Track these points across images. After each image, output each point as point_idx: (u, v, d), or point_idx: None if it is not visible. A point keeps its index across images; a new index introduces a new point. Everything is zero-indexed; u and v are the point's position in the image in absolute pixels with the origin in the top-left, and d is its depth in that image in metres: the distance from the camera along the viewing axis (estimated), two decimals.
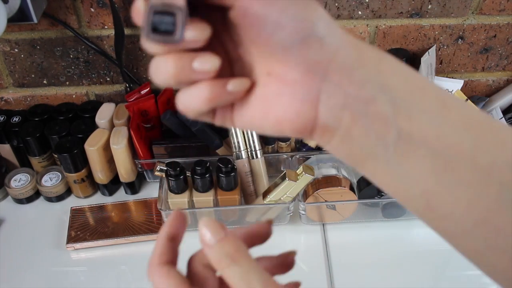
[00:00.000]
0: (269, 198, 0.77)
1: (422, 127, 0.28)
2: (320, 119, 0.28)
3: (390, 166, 0.29)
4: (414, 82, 0.30)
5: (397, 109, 0.28)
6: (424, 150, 0.29)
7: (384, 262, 0.79)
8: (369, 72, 0.28)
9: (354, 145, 0.29)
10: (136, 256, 0.80)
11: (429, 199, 0.30)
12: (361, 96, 0.28)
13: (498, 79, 0.94)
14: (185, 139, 0.86)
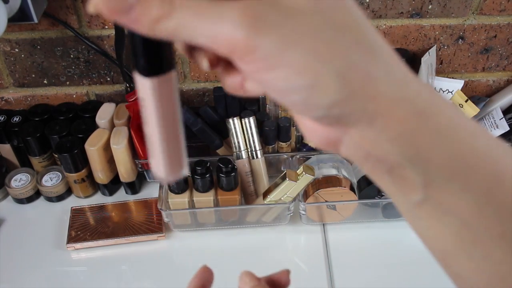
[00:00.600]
0: (270, 198, 0.77)
1: (457, 202, 0.25)
2: (343, 155, 0.27)
3: (409, 214, 0.28)
4: (463, 153, 0.25)
5: (429, 181, 0.25)
6: (452, 219, 0.26)
7: (384, 262, 0.79)
8: (398, 145, 0.25)
9: (377, 182, 0.27)
10: (136, 256, 0.80)
11: (446, 257, 0.28)
12: (385, 161, 0.25)
13: (498, 79, 0.93)
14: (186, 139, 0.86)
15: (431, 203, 0.26)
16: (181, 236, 0.83)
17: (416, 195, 0.26)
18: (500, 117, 0.84)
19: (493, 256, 0.26)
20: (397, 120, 0.24)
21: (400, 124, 0.24)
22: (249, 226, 0.84)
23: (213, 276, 0.38)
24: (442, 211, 0.26)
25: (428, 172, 0.25)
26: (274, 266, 0.79)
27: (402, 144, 0.25)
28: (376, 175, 0.27)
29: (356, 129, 0.25)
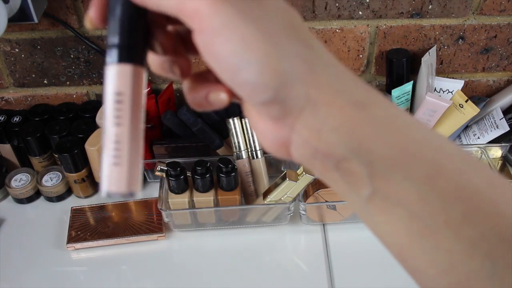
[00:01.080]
0: (270, 198, 0.77)
1: (403, 192, 0.26)
2: (294, 157, 0.28)
3: (363, 213, 0.28)
4: (404, 145, 0.27)
5: (373, 171, 0.26)
6: (401, 210, 0.27)
7: (384, 262, 0.79)
8: (341, 135, 0.26)
9: (330, 185, 0.29)
10: (136, 256, 0.80)
11: (402, 251, 0.28)
12: (331, 155, 0.26)
13: (498, 80, 0.93)
14: (186, 139, 0.86)
15: (380, 196, 0.27)
16: (181, 236, 0.83)
17: (365, 189, 0.27)
18: (500, 117, 0.84)
19: (442, 246, 0.26)
20: (339, 109, 0.26)
21: (341, 113, 0.26)
22: (249, 226, 0.84)
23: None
24: (391, 203, 0.27)
25: (371, 163, 0.26)
26: (274, 266, 0.79)
27: (344, 134, 0.26)
28: (326, 175, 0.28)
29: (302, 121, 0.26)
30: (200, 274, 0.78)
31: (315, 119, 0.26)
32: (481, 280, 0.26)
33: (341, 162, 0.26)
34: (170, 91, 0.87)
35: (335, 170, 0.27)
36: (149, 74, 0.90)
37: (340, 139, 0.26)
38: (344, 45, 0.87)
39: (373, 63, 0.90)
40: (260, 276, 0.77)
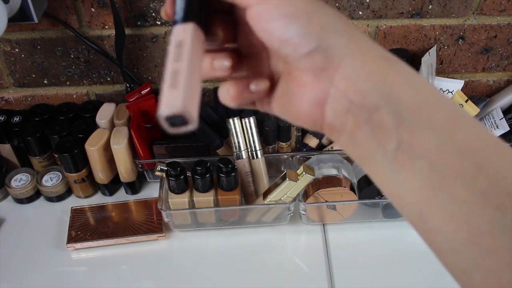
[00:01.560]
0: (270, 198, 0.77)
1: (424, 142, 0.29)
2: (327, 119, 0.31)
3: (388, 172, 0.30)
4: (425, 96, 0.30)
5: (400, 121, 0.29)
6: (422, 163, 0.29)
7: (384, 262, 0.79)
8: (375, 82, 0.29)
9: (358, 148, 0.31)
10: (136, 256, 0.80)
11: (423, 210, 0.30)
12: (365, 105, 0.29)
13: (498, 80, 0.93)
14: (186, 139, 0.86)
15: (403, 148, 0.29)
16: (181, 236, 0.83)
17: (391, 142, 0.29)
18: (500, 117, 0.84)
19: (458, 197, 0.28)
20: (373, 59, 0.30)
21: (375, 62, 0.30)
22: (249, 226, 0.84)
23: None
24: (413, 155, 0.29)
25: (399, 113, 0.29)
26: (274, 266, 0.79)
27: (377, 80, 0.29)
28: (356, 133, 0.30)
29: (341, 71, 0.30)
30: (200, 274, 0.78)
31: (353, 68, 0.30)
32: (493, 233, 0.28)
33: (373, 112, 0.29)
34: None
35: (366, 123, 0.30)
36: (149, 74, 0.90)
37: (374, 85, 0.29)
38: None
39: None
40: (260, 276, 0.77)
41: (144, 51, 0.87)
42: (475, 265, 0.29)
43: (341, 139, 0.32)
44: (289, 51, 0.30)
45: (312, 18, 0.30)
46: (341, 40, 0.30)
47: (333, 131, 0.32)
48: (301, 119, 0.33)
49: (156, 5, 0.81)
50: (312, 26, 0.29)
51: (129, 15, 0.82)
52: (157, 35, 0.85)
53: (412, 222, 0.31)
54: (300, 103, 0.32)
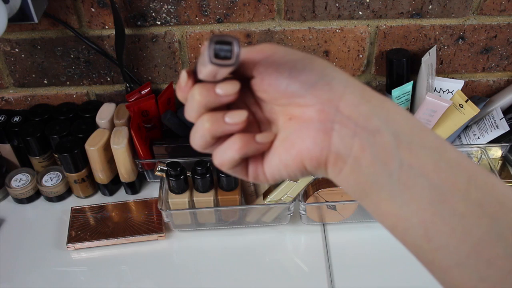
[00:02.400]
0: (270, 198, 0.77)
1: (421, 160, 0.32)
2: (333, 146, 0.33)
3: (393, 195, 0.32)
4: (414, 122, 0.33)
5: (399, 142, 0.32)
6: (422, 181, 0.32)
7: (384, 262, 0.79)
8: (375, 107, 0.33)
9: (362, 174, 0.33)
10: (136, 256, 0.80)
11: (427, 228, 0.32)
12: (369, 127, 0.32)
13: (498, 80, 0.93)
14: (186, 139, 0.86)
15: (405, 168, 0.32)
16: (181, 236, 0.83)
17: (394, 162, 0.32)
18: (500, 117, 0.84)
19: (457, 210, 0.31)
20: (369, 91, 0.34)
21: (372, 93, 0.34)
22: (249, 226, 0.84)
23: None
24: (414, 175, 0.32)
25: (398, 135, 0.32)
26: (274, 266, 0.79)
27: (375, 105, 0.33)
28: (361, 157, 0.32)
29: (345, 100, 0.33)
30: (200, 274, 0.78)
31: (355, 97, 0.33)
32: (491, 242, 0.31)
33: (375, 135, 0.32)
34: (170, 91, 0.87)
35: (370, 146, 0.32)
36: (149, 74, 0.90)
37: (374, 111, 0.33)
38: (344, 45, 0.87)
39: (373, 63, 0.90)
40: (260, 276, 0.77)
41: (144, 51, 0.87)
42: (480, 278, 0.31)
43: (345, 168, 0.33)
44: (296, 87, 0.33)
45: (314, 59, 0.34)
46: (341, 75, 0.34)
47: (338, 160, 0.33)
48: (306, 156, 0.34)
49: (156, 5, 0.81)
50: (316, 65, 0.33)
51: (129, 15, 0.82)
52: (157, 35, 0.85)
53: (416, 244, 0.34)
54: (307, 137, 0.33)
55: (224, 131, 0.34)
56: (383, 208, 0.33)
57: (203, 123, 0.34)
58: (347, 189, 0.35)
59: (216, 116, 0.34)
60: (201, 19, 0.83)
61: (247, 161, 0.37)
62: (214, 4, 0.81)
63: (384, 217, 0.34)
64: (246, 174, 0.37)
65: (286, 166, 0.35)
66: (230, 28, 0.84)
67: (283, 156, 0.35)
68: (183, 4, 0.81)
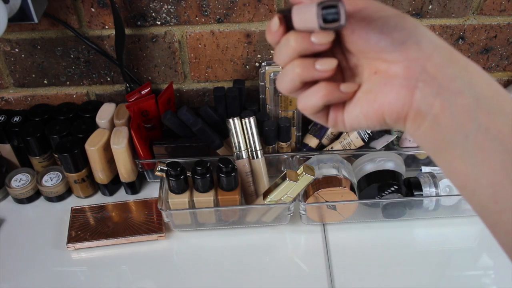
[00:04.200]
0: (270, 198, 0.77)
1: (498, 124, 0.33)
2: (415, 102, 0.34)
3: (467, 155, 0.33)
4: (495, 88, 0.34)
5: (479, 105, 0.33)
6: (497, 145, 0.32)
7: (385, 263, 0.79)
8: (459, 70, 0.34)
9: (439, 132, 0.34)
10: (136, 256, 0.80)
11: (496, 190, 0.33)
12: (452, 88, 0.33)
13: (498, 80, 0.94)
14: (186, 139, 0.86)
15: (481, 130, 0.33)
16: (181, 236, 0.83)
17: (472, 124, 0.33)
18: None
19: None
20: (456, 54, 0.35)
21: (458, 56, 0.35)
22: (249, 226, 0.84)
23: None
24: (489, 138, 0.33)
25: (478, 97, 0.33)
26: (274, 266, 0.79)
27: (461, 68, 0.34)
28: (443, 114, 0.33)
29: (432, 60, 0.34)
30: (200, 274, 0.78)
31: (442, 59, 0.34)
32: None
33: (457, 96, 0.33)
34: (170, 91, 0.87)
35: (450, 106, 0.33)
36: (149, 74, 0.90)
37: (458, 72, 0.34)
38: None
39: None
40: (260, 276, 0.77)
41: (144, 51, 0.87)
42: None
43: (424, 124, 0.34)
44: (387, 42, 0.34)
45: (406, 18, 0.35)
46: (431, 36, 0.35)
47: (418, 116, 0.34)
48: (387, 109, 0.35)
49: (156, 5, 0.81)
50: (407, 23, 0.34)
51: (129, 15, 0.82)
52: (157, 35, 0.85)
53: (483, 205, 0.34)
54: (390, 92, 0.35)
55: (314, 77, 0.36)
56: (454, 166, 0.35)
57: (293, 68, 0.35)
58: (423, 145, 0.36)
59: (307, 62, 0.35)
60: (201, 19, 0.83)
61: (328, 108, 0.38)
62: (214, 4, 0.81)
63: (455, 175, 0.35)
64: (326, 120, 0.39)
65: (367, 117, 0.36)
66: (230, 28, 0.84)
67: (365, 107, 0.36)
68: (183, 4, 0.81)
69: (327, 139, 0.91)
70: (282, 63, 0.36)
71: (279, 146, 0.88)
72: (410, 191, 0.82)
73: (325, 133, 0.90)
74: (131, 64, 0.89)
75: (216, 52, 0.87)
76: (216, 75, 0.91)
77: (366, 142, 0.86)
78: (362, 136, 0.86)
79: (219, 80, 0.92)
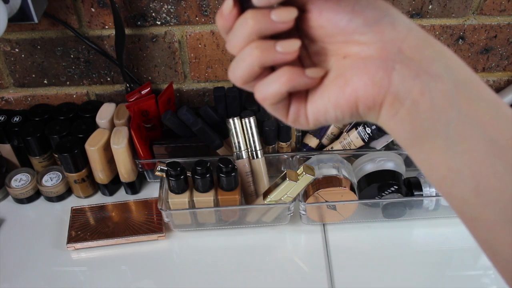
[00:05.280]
0: (270, 198, 0.77)
1: (479, 111, 0.31)
2: (393, 86, 0.31)
3: (448, 144, 0.31)
4: (471, 74, 0.32)
5: (459, 90, 0.31)
6: (479, 133, 0.31)
7: (384, 262, 0.79)
8: (437, 53, 0.32)
9: (418, 119, 0.31)
10: (136, 256, 0.80)
11: (479, 182, 0.31)
12: (430, 72, 0.31)
13: (498, 80, 0.93)
14: (186, 139, 0.86)
15: (462, 117, 0.31)
16: (181, 236, 0.83)
17: (452, 110, 0.31)
18: None
19: (510, 164, 0.30)
20: (431, 36, 0.32)
21: (433, 39, 0.32)
22: (249, 226, 0.84)
23: None
24: (470, 126, 0.31)
25: (457, 82, 0.31)
26: (274, 266, 0.79)
27: (437, 51, 0.32)
28: (422, 98, 0.31)
29: (408, 40, 0.31)
30: (200, 274, 0.78)
31: (418, 40, 0.31)
32: None
33: (437, 80, 0.30)
34: (170, 91, 0.87)
35: (430, 91, 0.30)
36: (149, 74, 0.90)
37: (436, 55, 0.31)
38: None
39: None
40: (260, 276, 0.77)
41: (144, 51, 0.87)
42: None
43: (401, 110, 0.31)
44: (359, 22, 0.31)
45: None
46: (405, 18, 0.32)
47: (396, 101, 0.31)
48: (362, 94, 0.31)
49: (156, 5, 0.81)
50: (380, 3, 0.32)
51: (129, 15, 0.82)
52: (157, 35, 0.85)
53: (464, 198, 0.32)
54: (365, 74, 0.31)
55: (275, 60, 0.31)
56: (434, 157, 0.32)
57: (252, 50, 0.31)
58: (400, 134, 0.32)
59: (267, 44, 0.31)
60: (201, 19, 0.83)
61: (290, 100, 0.34)
62: (214, 4, 0.81)
63: (433, 168, 0.32)
64: (286, 114, 0.34)
65: (336, 106, 0.32)
66: None
67: (334, 94, 0.32)
68: (183, 4, 0.81)
69: (327, 139, 0.91)
70: (237, 48, 0.32)
71: (279, 146, 0.88)
72: (410, 191, 0.82)
73: (325, 133, 0.90)
74: (131, 64, 0.89)
75: (216, 52, 0.87)
76: (216, 75, 0.91)
77: (366, 142, 0.86)
78: (362, 136, 0.86)
79: (219, 80, 0.92)
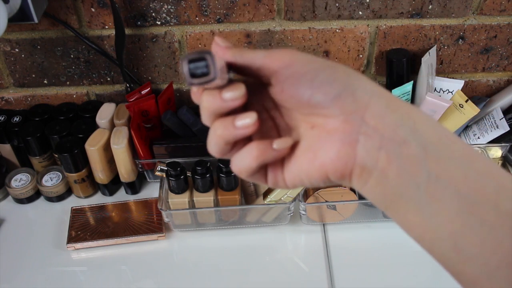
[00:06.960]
0: (270, 198, 0.77)
1: (449, 171, 0.31)
2: (358, 159, 0.32)
3: (420, 207, 0.31)
4: (441, 131, 0.32)
5: (427, 153, 0.31)
6: (451, 192, 0.30)
7: (385, 262, 0.79)
8: (401, 117, 0.32)
9: (388, 186, 0.32)
10: (136, 256, 0.80)
11: (456, 240, 0.31)
12: (395, 139, 0.31)
13: (498, 80, 0.93)
14: (186, 139, 0.86)
15: (432, 179, 0.30)
16: (181, 236, 0.83)
17: (422, 174, 0.31)
18: (500, 117, 0.84)
19: (487, 221, 0.30)
20: (395, 100, 0.33)
21: (397, 102, 0.32)
22: (249, 226, 0.84)
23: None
24: (442, 186, 0.30)
25: (425, 146, 0.31)
26: (274, 266, 0.79)
27: (402, 115, 0.31)
28: (389, 167, 0.31)
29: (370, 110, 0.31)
30: (200, 274, 0.78)
31: (380, 107, 0.32)
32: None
33: (402, 146, 0.31)
34: (170, 91, 0.87)
35: (397, 158, 0.31)
36: (149, 74, 0.90)
37: (401, 121, 0.31)
38: (344, 45, 0.87)
39: (373, 63, 0.90)
40: (260, 276, 0.77)
41: (144, 51, 0.87)
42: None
43: (370, 180, 0.32)
44: (319, 98, 0.31)
45: (337, 68, 0.32)
46: (365, 84, 0.32)
47: (364, 172, 0.32)
48: (330, 168, 0.32)
49: (156, 5, 0.81)
50: (338, 73, 0.32)
51: (129, 15, 0.82)
52: (157, 35, 0.85)
53: (445, 255, 0.32)
54: (331, 149, 0.32)
55: (236, 135, 0.32)
56: (410, 219, 0.32)
57: (215, 130, 0.33)
58: (373, 200, 0.33)
59: (226, 122, 0.32)
60: (201, 19, 0.83)
61: (266, 167, 0.35)
62: (214, 4, 0.81)
63: (411, 229, 0.33)
64: (265, 180, 0.36)
65: (308, 175, 0.33)
66: (230, 28, 0.84)
67: (305, 166, 0.33)
68: (183, 4, 0.81)
69: None
70: (208, 124, 0.34)
71: None
72: None
73: None
74: (131, 64, 0.89)
75: None
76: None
77: None
78: None
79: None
